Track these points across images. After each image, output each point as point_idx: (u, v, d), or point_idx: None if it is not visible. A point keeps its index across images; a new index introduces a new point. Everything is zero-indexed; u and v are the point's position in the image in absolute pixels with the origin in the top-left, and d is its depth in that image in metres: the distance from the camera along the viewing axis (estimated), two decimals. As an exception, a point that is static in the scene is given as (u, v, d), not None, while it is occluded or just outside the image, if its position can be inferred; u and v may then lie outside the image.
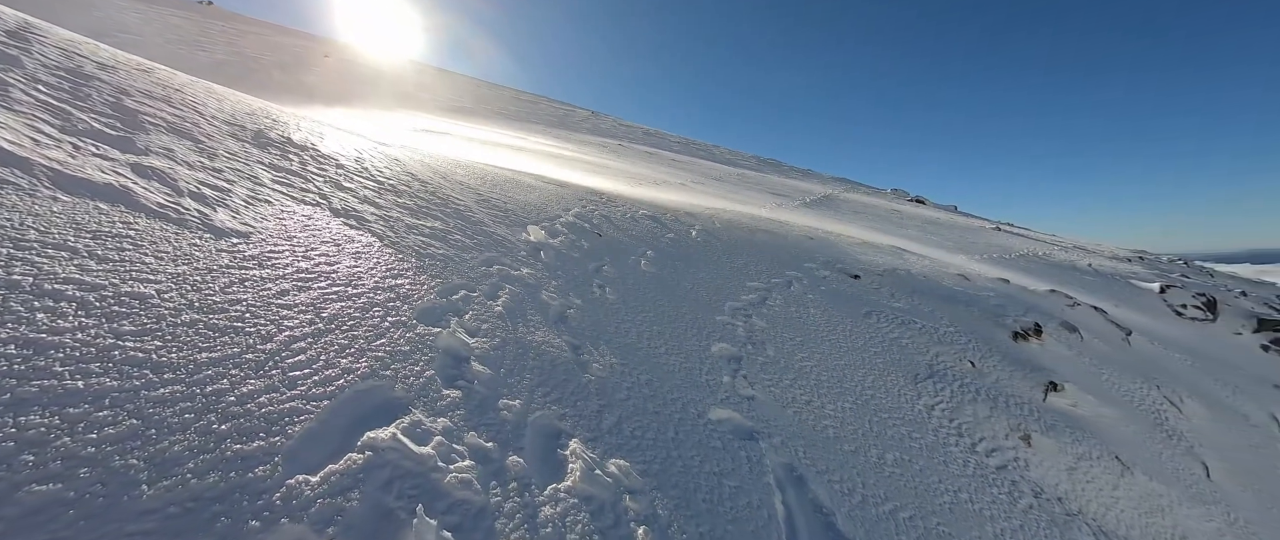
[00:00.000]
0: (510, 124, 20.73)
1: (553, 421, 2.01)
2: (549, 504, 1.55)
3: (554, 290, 3.49)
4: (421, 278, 2.67)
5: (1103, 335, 6.91)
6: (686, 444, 2.38)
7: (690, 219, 7.51)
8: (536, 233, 4.64)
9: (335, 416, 1.44)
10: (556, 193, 6.96)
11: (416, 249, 3.04)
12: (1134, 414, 5.04)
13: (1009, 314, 6.15)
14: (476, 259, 3.37)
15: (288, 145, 4.03)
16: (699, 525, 1.84)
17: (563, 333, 2.92)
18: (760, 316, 4.64)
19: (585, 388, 2.41)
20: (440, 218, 3.85)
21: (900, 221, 15.40)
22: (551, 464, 1.77)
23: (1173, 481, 4.19)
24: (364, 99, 20.04)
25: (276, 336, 1.67)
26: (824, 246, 7.95)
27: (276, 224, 2.56)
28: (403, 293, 2.39)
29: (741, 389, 3.26)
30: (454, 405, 1.77)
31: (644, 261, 5.08)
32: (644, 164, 17.40)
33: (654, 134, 31.82)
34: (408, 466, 1.38)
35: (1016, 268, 11.02)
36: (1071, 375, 5.27)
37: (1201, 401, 5.89)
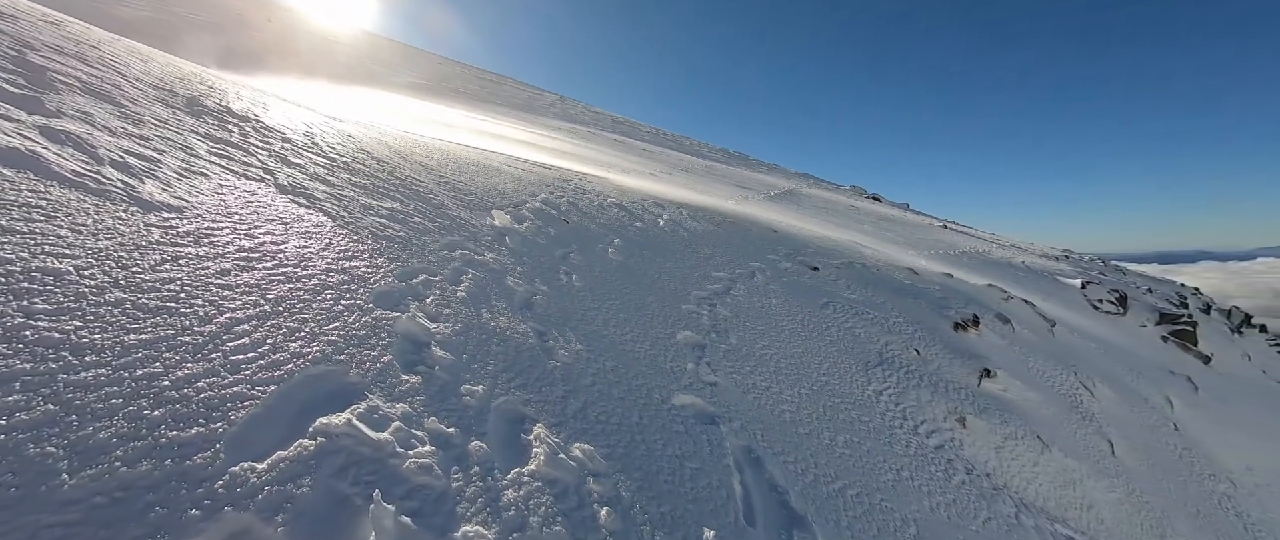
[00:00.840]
0: (475, 105, 19.98)
1: (517, 407, 2.00)
2: (512, 488, 1.55)
3: (520, 276, 3.43)
4: (378, 260, 2.55)
5: (1031, 326, 7.55)
6: (650, 428, 2.43)
7: (658, 209, 7.54)
8: (502, 218, 4.54)
9: (284, 402, 1.37)
10: (523, 177, 6.80)
11: (373, 230, 2.90)
12: (1054, 397, 5.56)
13: (951, 306, 6.59)
14: (438, 243, 3.26)
15: (226, 115, 3.72)
16: (660, 505, 1.89)
17: (528, 319, 2.88)
18: (724, 306, 4.75)
19: (551, 374, 2.40)
20: (399, 199, 3.68)
21: (858, 217, 16.10)
22: (515, 449, 1.76)
23: (1084, 457, 4.67)
24: (314, 70, 18.71)
25: (216, 318, 1.56)
26: (787, 239, 8.21)
27: (215, 199, 2.38)
28: (358, 275, 2.29)
29: (705, 375, 3.35)
30: (413, 391, 1.72)
31: (611, 249, 5.07)
32: (614, 152, 17.27)
33: (624, 122, 31.58)
34: (364, 452, 1.34)
35: (959, 263, 11.80)
36: (1003, 363, 5.73)
37: (1110, 386, 6.57)
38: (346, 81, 18.20)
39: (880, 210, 19.55)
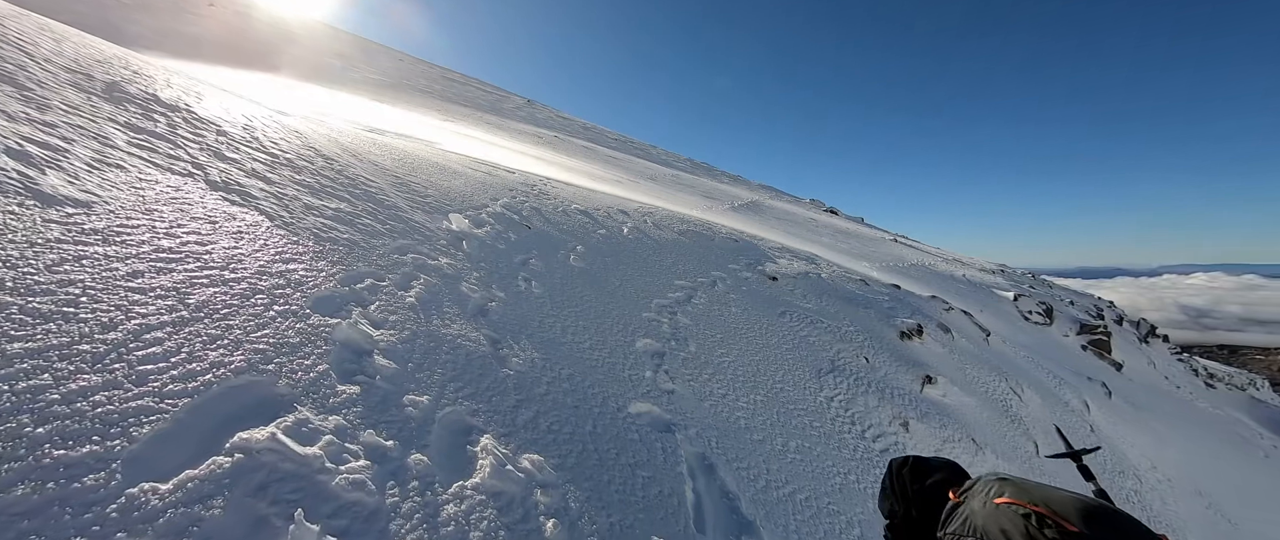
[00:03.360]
0: (437, 105, 19.42)
1: (464, 418, 1.93)
2: (453, 502, 1.49)
3: (475, 282, 3.34)
4: (320, 264, 2.42)
5: (969, 336, 8.08)
6: (604, 437, 2.41)
7: (623, 216, 7.56)
8: (460, 221, 4.41)
9: (197, 416, 1.26)
10: (484, 181, 6.66)
11: (316, 232, 2.75)
12: (987, 402, 5.96)
13: (898, 316, 6.96)
14: (388, 246, 3.13)
15: (153, 103, 3.44)
16: (609, 516, 1.88)
17: (482, 326, 2.81)
18: (685, 314, 4.81)
19: (502, 383, 2.34)
20: (348, 199, 3.51)
21: (816, 229, 16.76)
22: (459, 461, 1.70)
23: (1012, 457, 5.02)
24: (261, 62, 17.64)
25: (123, 325, 1.43)
26: (748, 249, 8.43)
27: (132, 194, 2.18)
28: (295, 279, 2.16)
29: (662, 384, 3.36)
30: (350, 402, 1.63)
31: (573, 256, 5.03)
32: (580, 158, 17.23)
33: (592, 129, 31.59)
34: (288, 469, 1.25)
35: (907, 275, 12.51)
36: (943, 369, 6.10)
37: (1036, 391, 7.12)
38: (298, 75, 17.26)
39: (837, 223, 20.45)
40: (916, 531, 0.96)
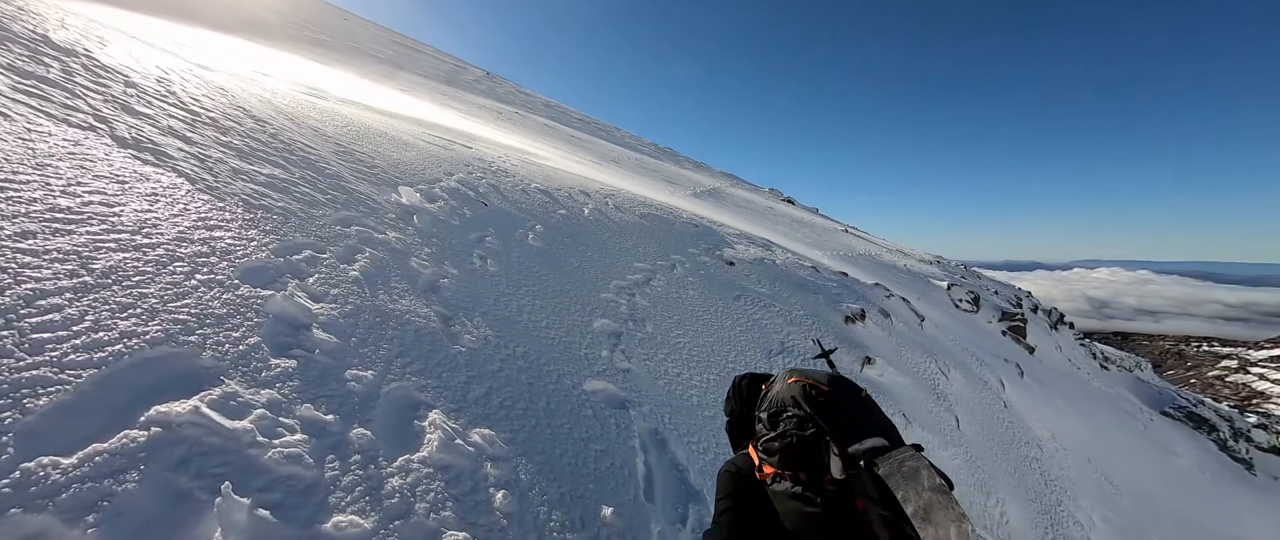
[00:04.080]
0: (388, 72, 18.19)
1: (411, 393, 1.89)
2: (398, 475, 1.47)
3: (426, 258, 3.22)
4: (250, 232, 2.24)
5: (906, 321, 8.70)
6: (558, 413, 2.43)
7: (584, 197, 7.48)
8: (410, 195, 4.21)
9: (105, 389, 1.16)
10: (439, 154, 6.36)
11: (245, 198, 2.54)
12: (918, 381, 6.48)
13: (844, 301, 7.38)
14: (330, 217, 2.94)
15: (43, 45, 3.02)
16: (561, 486, 1.91)
17: (433, 303, 2.72)
18: (644, 296, 4.86)
19: (453, 359, 2.30)
20: (283, 165, 3.26)
21: (773, 218, 17.31)
22: (406, 436, 1.67)
23: (936, 430, 5.51)
24: (180, 11, 15.73)
25: (11, 289, 1.28)
26: (707, 234, 8.59)
27: (18, 146, 1.92)
28: (222, 248, 1.99)
29: (619, 363, 3.41)
30: (285, 376, 1.55)
31: (532, 235, 4.95)
32: (542, 137, 16.77)
33: (554, 107, 30.73)
34: (214, 443, 1.18)
35: (855, 264, 13.22)
36: (882, 351, 6.55)
37: (960, 371, 7.80)
38: (224, 27, 15.57)
39: (793, 213, 21.19)
40: (746, 421, 1.40)
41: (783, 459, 1.08)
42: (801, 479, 1.03)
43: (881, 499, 0.94)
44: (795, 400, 1.11)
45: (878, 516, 0.93)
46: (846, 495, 0.98)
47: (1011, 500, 5.31)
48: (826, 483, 1.00)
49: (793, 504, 1.03)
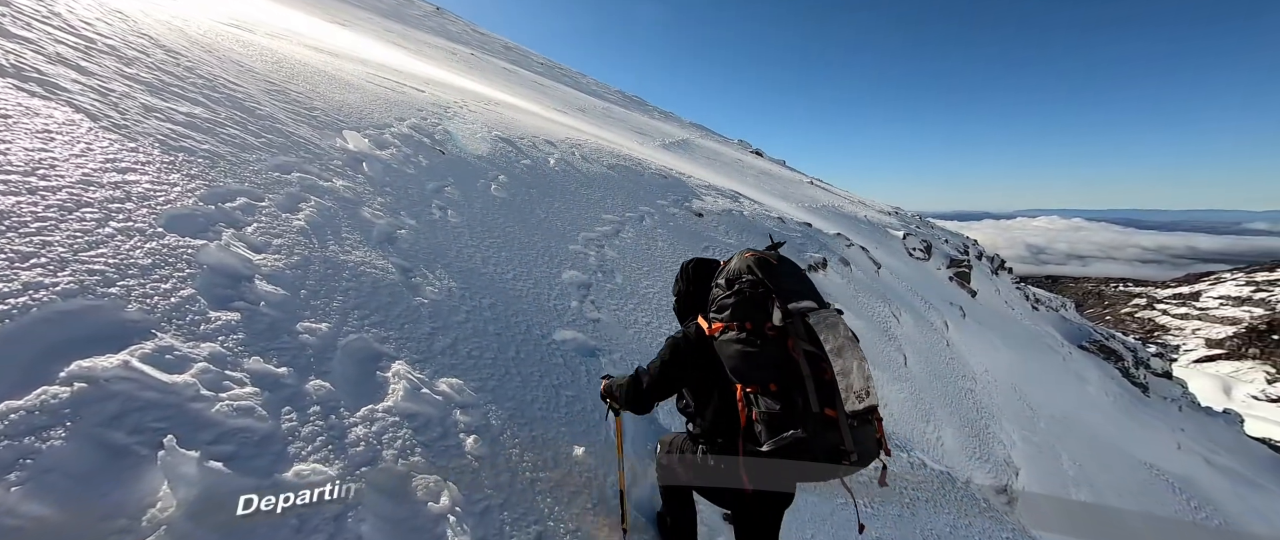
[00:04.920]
0: (324, 3, 16.23)
1: (372, 345, 1.83)
2: (362, 424, 1.44)
3: (380, 208, 3.03)
4: (172, 176, 2.02)
5: (864, 268, 9.12)
6: (528, 362, 2.43)
7: (549, 147, 7.17)
8: (358, 140, 3.89)
9: (11, 344, 1.05)
10: (387, 97, 5.86)
11: (163, 139, 2.26)
12: (872, 324, 6.90)
13: (808, 251, 7.61)
14: (266, 162, 2.69)
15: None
16: (532, 430, 1.95)
17: (390, 254, 2.59)
18: (612, 247, 4.83)
19: (416, 311, 2.22)
20: (204, 104, 2.91)
21: (742, 170, 17.29)
22: (368, 387, 1.63)
23: (886, 368, 5.96)
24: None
25: (-126, 237, 1.10)
26: (676, 186, 8.51)
27: None
28: (138, 193, 1.79)
29: (588, 312, 3.42)
30: (228, 329, 1.45)
31: (495, 186, 4.74)
32: (501, 82, 15.73)
33: (513, 49, 28.65)
34: (150, 397, 1.11)
35: (819, 215, 13.56)
36: (841, 297, 6.89)
37: (910, 314, 8.36)
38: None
39: (761, 165, 21.23)
40: (693, 298, 1.63)
41: (732, 312, 1.35)
42: (747, 328, 1.31)
43: (808, 339, 1.25)
44: (749, 268, 1.39)
45: (803, 351, 1.24)
46: (782, 338, 1.27)
47: (947, 426, 5.90)
48: (768, 329, 1.29)
49: (735, 347, 1.30)
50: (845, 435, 1.19)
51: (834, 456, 1.19)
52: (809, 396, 1.20)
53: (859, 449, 1.20)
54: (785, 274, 1.38)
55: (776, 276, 1.36)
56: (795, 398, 1.20)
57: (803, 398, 1.20)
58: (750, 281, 1.36)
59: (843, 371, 1.21)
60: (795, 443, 1.18)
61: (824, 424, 1.19)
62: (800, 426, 1.18)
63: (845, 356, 1.23)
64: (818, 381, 1.21)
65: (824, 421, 1.19)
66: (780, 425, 1.19)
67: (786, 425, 1.19)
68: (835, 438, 1.19)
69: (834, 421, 1.19)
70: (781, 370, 1.23)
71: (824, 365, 1.22)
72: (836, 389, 1.21)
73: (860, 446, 1.21)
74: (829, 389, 1.22)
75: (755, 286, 1.34)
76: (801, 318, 1.27)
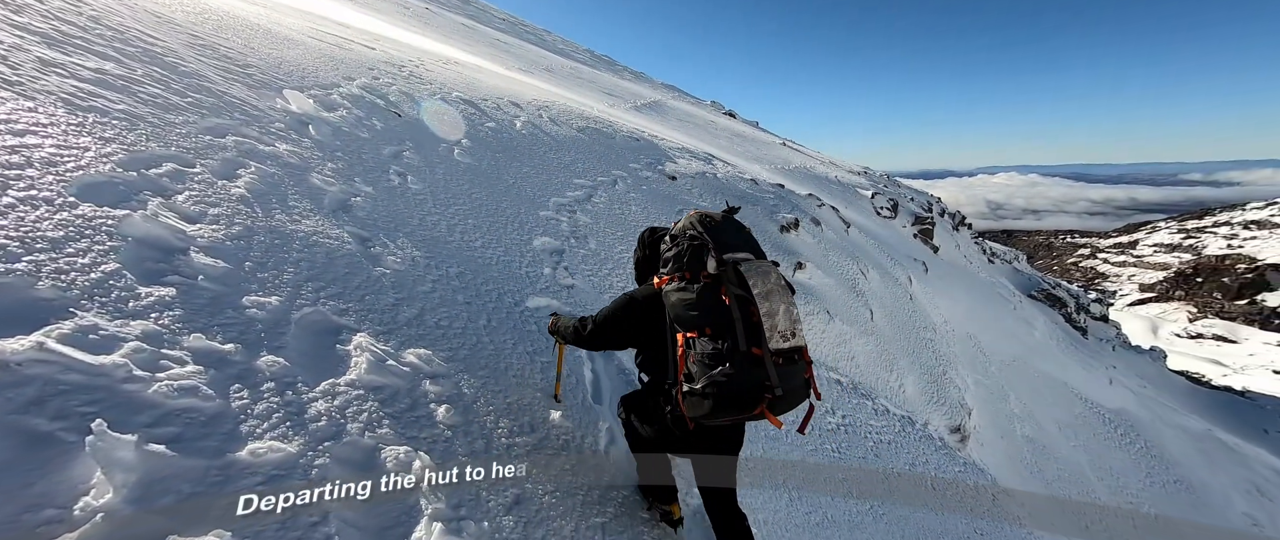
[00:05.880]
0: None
1: (329, 317, 1.73)
2: (323, 399, 1.38)
3: (331, 174, 2.83)
4: (82, 139, 1.80)
5: (834, 228, 9.31)
6: (500, 330, 2.38)
7: (515, 109, 6.84)
8: (301, 102, 3.58)
9: (-103, 329, 0.93)
10: (333, 54, 5.40)
11: (67, 98, 2.00)
12: (841, 281, 7.12)
13: (780, 212, 7.67)
14: (195, 125, 2.44)
15: None
16: (507, 397, 1.93)
17: (345, 223, 2.44)
18: (585, 212, 4.72)
19: (376, 281, 2.12)
20: (115, 58, 2.59)
21: (714, 132, 17.06)
22: (328, 361, 1.55)
23: (853, 323, 6.20)
24: None
25: None
26: (649, 149, 8.32)
27: None
28: (41, 158, 1.59)
29: (562, 279, 3.36)
30: (161, 305, 1.34)
31: (458, 150, 4.50)
32: (460, 40, 14.75)
33: (472, 3, 26.72)
34: (75, 380, 1.01)
35: (791, 176, 13.64)
36: (812, 256, 7.03)
37: (877, 271, 8.65)
38: None
39: (734, 126, 20.99)
40: (650, 264, 1.72)
41: (674, 264, 1.50)
42: (686, 277, 1.45)
43: (738, 284, 1.35)
44: (692, 224, 1.52)
45: (734, 296, 1.34)
46: (716, 285, 1.39)
47: (909, 374, 6.25)
48: (703, 277, 1.42)
49: (676, 296, 1.44)
50: (770, 372, 1.28)
51: (758, 391, 1.29)
52: (737, 337, 1.30)
53: (784, 385, 1.30)
54: (724, 229, 1.50)
55: (715, 231, 1.48)
56: (726, 339, 1.31)
57: (732, 339, 1.31)
58: (691, 236, 1.48)
59: (769, 313, 1.32)
60: (725, 379, 1.28)
61: (751, 362, 1.29)
62: (729, 363, 1.29)
63: (773, 300, 1.34)
64: (746, 323, 1.31)
65: (751, 360, 1.29)
66: (712, 364, 1.31)
67: (717, 364, 1.30)
68: (760, 374, 1.29)
69: (760, 360, 1.29)
70: (715, 315, 1.35)
71: (752, 309, 1.32)
72: (762, 330, 1.30)
73: (785, 384, 1.31)
74: (756, 330, 1.31)
75: (695, 240, 1.47)
76: (734, 266, 1.39)
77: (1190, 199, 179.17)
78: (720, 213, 1.57)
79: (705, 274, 1.41)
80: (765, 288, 1.35)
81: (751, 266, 1.39)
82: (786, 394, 1.32)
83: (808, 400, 1.44)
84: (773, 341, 1.30)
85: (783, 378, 1.30)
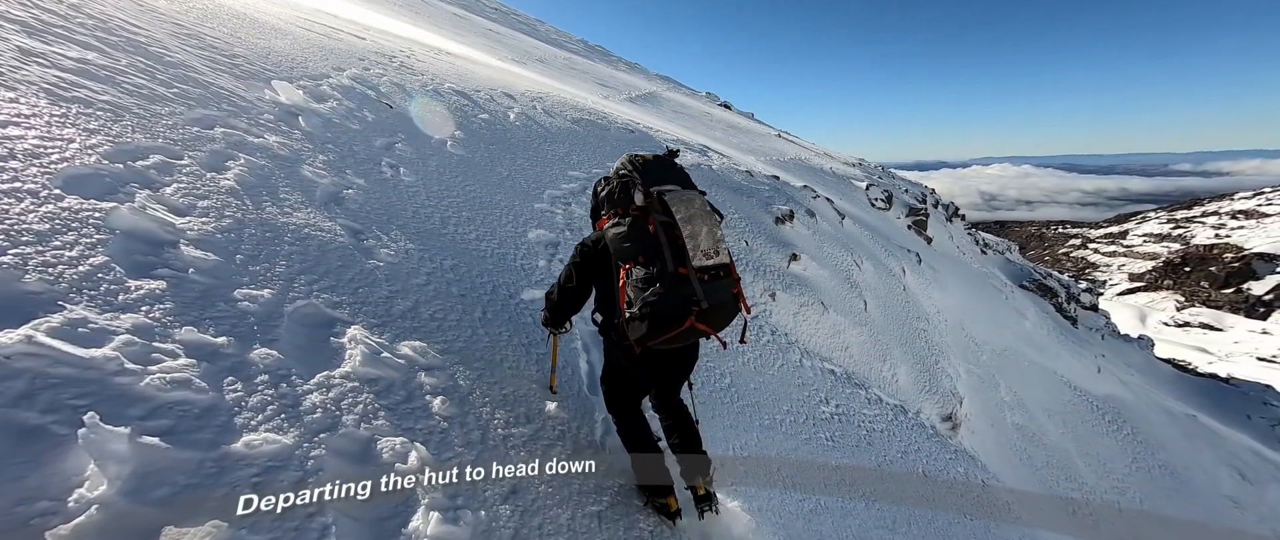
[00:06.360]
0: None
1: (322, 310, 1.72)
2: (318, 391, 1.38)
3: (322, 166, 2.80)
4: (65, 131, 1.77)
5: (829, 219, 9.33)
6: (495, 322, 2.38)
7: (508, 100, 6.77)
8: (290, 93, 3.53)
9: (-120, 323, 0.91)
10: (322, 44, 5.31)
11: (49, 88, 1.96)
12: (836, 273, 7.16)
13: (775, 204, 7.68)
14: (182, 116, 2.40)
15: None
16: (503, 388, 1.93)
17: (337, 216, 2.42)
18: (580, 205, 4.70)
19: (370, 274, 2.11)
20: (98, 48, 2.53)
21: (710, 123, 16.99)
22: (322, 354, 1.55)
23: (847, 314, 6.25)
24: None
25: None
26: (644, 140, 8.29)
27: None
28: (24, 150, 1.56)
29: (557, 272, 3.36)
30: (151, 298, 1.33)
31: (451, 143, 4.46)
32: (451, 29, 14.54)
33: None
34: (65, 374, 1.01)
35: (786, 168, 13.64)
36: (806, 248, 7.06)
37: (871, 262, 8.70)
38: None
39: (730, 118, 20.91)
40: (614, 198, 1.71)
41: (608, 203, 1.65)
42: (619, 213, 1.59)
43: (663, 212, 1.47)
44: (623, 164, 1.65)
45: (659, 222, 1.47)
46: (644, 215, 1.52)
47: (902, 364, 6.32)
48: (632, 210, 1.55)
49: (613, 231, 1.55)
50: (696, 288, 1.40)
51: (686, 306, 1.40)
52: (665, 260, 1.42)
53: (711, 300, 1.42)
54: (652, 166, 1.63)
55: (644, 168, 1.61)
56: (656, 264, 1.44)
57: (661, 262, 1.43)
58: (622, 175, 1.63)
59: (691, 235, 1.43)
60: (656, 298, 1.40)
61: (678, 280, 1.41)
62: (659, 284, 1.41)
63: (695, 223, 1.45)
64: (672, 247, 1.43)
65: (678, 279, 1.41)
66: (645, 288, 1.42)
67: (649, 287, 1.42)
68: (687, 291, 1.40)
69: (686, 278, 1.41)
70: (645, 243, 1.47)
71: (676, 233, 1.44)
72: (686, 251, 1.42)
73: (711, 298, 1.42)
74: (681, 252, 1.43)
75: (624, 177, 1.61)
76: (659, 196, 1.50)
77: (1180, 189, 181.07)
78: (653, 154, 1.71)
79: (634, 207, 1.54)
80: (688, 212, 1.46)
81: (676, 195, 1.50)
82: (714, 307, 1.43)
83: (740, 314, 1.57)
84: (696, 259, 1.42)
85: (708, 292, 1.41)
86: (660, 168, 1.63)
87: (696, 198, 1.53)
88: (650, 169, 1.61)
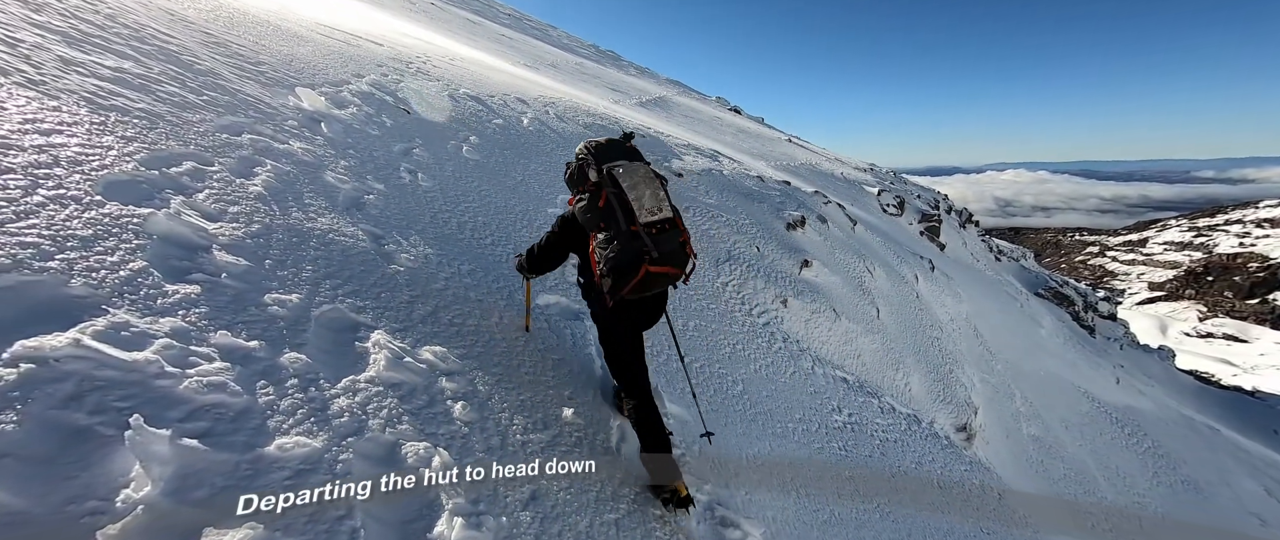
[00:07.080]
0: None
1: (347, 315, 1.76)
2: (345, 395, 1.41)
3: (344, 171, 2.86)
4: (105, 139, 1.83)
5: (840, 225, 9.27)
6: (512, 327, 2.41)
7: (522, 106, 6.85)
8: (313, 99, 3.61)
9: (-58, 326, 0.96)
10: (342, 51, 5.43)
11: (89, 97, 2.04)
12: (848, 280, 7.10)
13: (786, 209, 7.65)
14: (212, 123, 2.47)
15: None
16: (521, 394, 1.95)
17: (359, 221, 2.47)
18: (592, 209, 4.73)
19: (391, 279, 2.15)
20: (134, 57, 2.62)
21: (720, 128, 16.99)
22: (346, 358, 1.58)
23: (859, 321, 6.19)
24: None
25: None
26: (655, 145, 8.31)
27: None
28: (67, 157, 1.62)
29: (571, 276, 3.38)
30: (188, 302, 1.37)
31: (466, 148, 4.52)
32: (465, 35, 14.75)
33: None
34: (111, 376, 1.04)
35: (796, 173, 13.58)
36: (818, 254, 7.02)
37: (883, 269, 8.62)
38: None
39: (740, 123, 20.89)
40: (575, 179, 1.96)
41: (571, 183, 1.96)
42: (580, 191, 1.84)
43: (613, 184, 1.72)
44: (581, 149, 1.89)
45: (611, 194, 1.71)
46: (598, 189, 1.75)
47: (915, 372, 6.24)
48: (589, 187, 1.79)
49: (579, 207, 1.80)
50: (645, 240, 1.66)
51: (639, 258, 1.65)
52: (618, 222, 1.67)
53: (660, 249, 1.67)
54: (607, 147, 1.87)
55: (598, 150, 1.86)
56: (612, 227, 1.70)
57: (616, 225, 1.69)
58: (580, 158, 1.87)
59: (637, 198, 1.69)
60: (614, 254, 1.66)
61: (630, 237, 1.67)
62: (616, 242, 1.67)
63: (639, 187, 1.71)
64: (624, 211, 1.69)
65: (630, 235, 1.67)
66: (607, 247, 1.70)
67: (609, 246, 1.69)
68: (639, 244, 1.66)
69: (637, 233, 1.67)
70: (602, 213, 1.72)
71: (625, 199, 1.69)
72: (634, 211, 1.67)
73: (660, 248, 1.67)
74: (630, 213, 1.68)
75: (582, 160, 1.85)
76: (608, 172, 1.74)
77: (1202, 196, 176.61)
78: (606, 138, 1.95)
79: (590, 184, 1.78)
80: (633, 180, 1.71)
81: (625, 168, 1.75)
82: (663, 255, 1.68)
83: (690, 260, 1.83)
84: (641, 217, 1.67)
85: (657, 243, 1.67)
86: (611, 148, 1.87)
87: (640, 167, 1.78)
88: (603, 151, 1.85)
